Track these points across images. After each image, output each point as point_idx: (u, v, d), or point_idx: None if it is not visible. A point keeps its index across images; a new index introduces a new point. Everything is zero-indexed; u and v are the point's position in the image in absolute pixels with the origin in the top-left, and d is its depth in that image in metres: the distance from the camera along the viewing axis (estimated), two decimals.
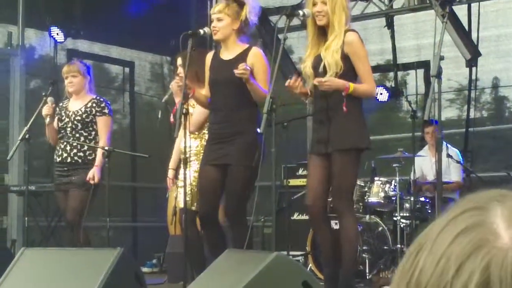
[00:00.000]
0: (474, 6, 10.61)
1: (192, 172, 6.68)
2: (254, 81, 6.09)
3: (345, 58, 5.73)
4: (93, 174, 7.44)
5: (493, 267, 0.78)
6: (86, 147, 7.57)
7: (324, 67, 5.73)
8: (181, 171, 6.82)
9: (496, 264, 0.78)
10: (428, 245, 0.82)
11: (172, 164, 7.21)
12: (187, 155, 6.36)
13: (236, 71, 5.99)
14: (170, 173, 7.19)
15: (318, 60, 5.80)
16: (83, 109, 7.63)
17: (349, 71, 5.73)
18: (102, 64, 12.05)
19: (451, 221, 0.82)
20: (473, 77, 10.88)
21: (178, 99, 6.78)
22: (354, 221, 6.09)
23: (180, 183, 6.83)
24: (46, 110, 7.55)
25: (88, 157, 7.56)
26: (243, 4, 6.29)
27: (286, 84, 5.80)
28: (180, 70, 6.99)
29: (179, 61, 7.04)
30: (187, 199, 6.48)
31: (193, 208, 6.66)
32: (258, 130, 5.71)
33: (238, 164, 6.13)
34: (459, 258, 0.79)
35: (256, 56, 6.25)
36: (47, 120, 7.58)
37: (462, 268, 0.78)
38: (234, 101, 6.21)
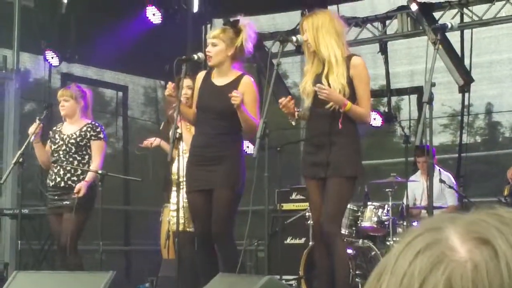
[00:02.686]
0: (467, 32, 10.68)
1: (184, 193, 6.70)
2: (245, 109, 6.11)
3: (350, 82, 5.75)
4: (80, 188, 7.42)
5: (454, 278, 0.81)
6: (79, 171, 7.57)
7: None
8: (173, 194, 6.83)
9: (456, 276, 0.82)
10: (389, 269, 0.86)
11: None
12: (179, 177, 6.39)
13: (230, 95, 6.02)
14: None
15: (318, 79, 5.80)
16: (77, 133, 7.64)
17: (351, 97, 5.74)
18: (96, 88, 12.06)
19: (408, 244, 0.86)
20: (466, 102, 10.93)
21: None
22: (344, 245, 6.12)
23: (173, 207, 6.84)
24: (31, 128, 7.56)
25: (82, 181, 7.55)
26: (239, 31, 6.31)
27: (280, 101, 5.81)
28: (187, 91, 6.92)
29: (187, 82, 6.94)
30: (181, 221, 6.49)
31: (189, 229, 6.67)
32: (241, 156, 5.77)
33: (221, 188, 6.15)
34: (421, 274, 0.83)
35: (247, 86, 6.27)
36: (31, 138, 7.57)
37: (425, 282, 0.82)
38: (220, 127, 6.23)
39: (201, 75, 6.57)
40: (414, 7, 10.15)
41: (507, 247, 0.82)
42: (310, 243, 8.18)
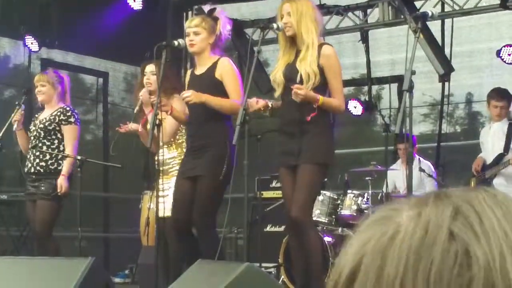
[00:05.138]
0: (447, 21, 10.70)
1: (164, 182, 6.71)
2: (210, 97, 6.12)
3: (320, 70, 5.77)
4: (60, 184, 7.39)
5: (371, 241, 0.82)
6: (48, 156, 7.52)
7: (301, 77, 5.76)
8: (161, 181, 6.85)
9: (374, 239, 0.82)
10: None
11: None
12: (169, 166, 6.44)
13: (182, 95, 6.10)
14: None
15: (290, 69, 5.83)
16: (47, 117, 7.59)
17: (321, 84, 5.76)
18: (76, 74, 12.00)
19: (370, 215, 0.86)
20: (446, 92, 10.96)
21: (148, 109, 6.85)
22: (316, 232, 6.14)
23: (161, 193, 6.84)
24: (15, 116, 7.54)
25: (50, 167, 7.50)
26: (216, 18, 6.35)
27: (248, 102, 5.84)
28: (149, 77, 7.08)
29: (149, 68, 7.11)
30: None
31: None
32: (229, 144, 5.79)
33: (205, 175, 6.16)
34: (353, 240, 0.84)
35: (224, 66, 6.29)
36: (14, 126, 7.55)
37: (350, 247, 0.84)
38: (204, 114, 6.23)
39: (188, 73, 6.71)
40: None
41: (434, 214, 0.81)
42: None
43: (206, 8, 6.41)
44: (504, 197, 0.84)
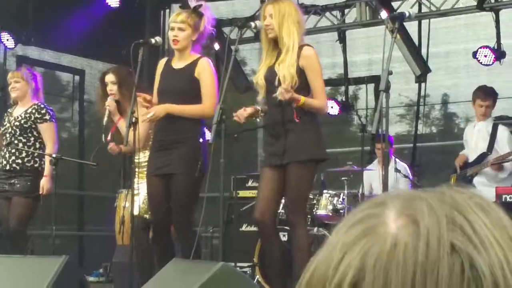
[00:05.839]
0: (424, 22, 10.73)
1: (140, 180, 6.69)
2: (174, 107, 6.13)
3: (300, 72, 5.75)
4: (43, 185, 7.37)
5: (370, 254, 0.79)
6: (24, 154, 7.50)
7: (279, 80, 5.75)
8: (136, 180, 6.83)
9: (373, 251, 0.80)
10: (328, 239, 0.84)
11: None
12: (142, 167, 6.42)
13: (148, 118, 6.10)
14: None
15: (271, 71, 5.83)
16: (22, 115, 7.57)
17: (303, 86, 5.75)
18: (52, 71, 11.94)
19: (351, 215, 0.84)
20: (423, 93, 10.99)
21: (116, 117, 6.82)
22: (306, 232, 6.13)
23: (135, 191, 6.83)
24: None
25: (26, 164, 7.49)
26: (201, 15, 6.29)
27: (234, 115, 5.84)
28: (112, 88, 7.01)
29: (109, 78, 7.06)
30: (142, 205, 6.49)
31: (146, 216, 6.64)
32: (201, 140, 5.77)
33: (180, 173, 6.11)
34: (344, 247, 0.81)
35: (203, 68, 6.25)
36: None
37: (345, 256, 0.81)
38: None
39: (162, 62, 6.58)
40: (384, 14, 10.12)
41: (432, 226, 0.80)
42: None
43: (192, 3, 6.34)
44: (483, 200, 0.84)
